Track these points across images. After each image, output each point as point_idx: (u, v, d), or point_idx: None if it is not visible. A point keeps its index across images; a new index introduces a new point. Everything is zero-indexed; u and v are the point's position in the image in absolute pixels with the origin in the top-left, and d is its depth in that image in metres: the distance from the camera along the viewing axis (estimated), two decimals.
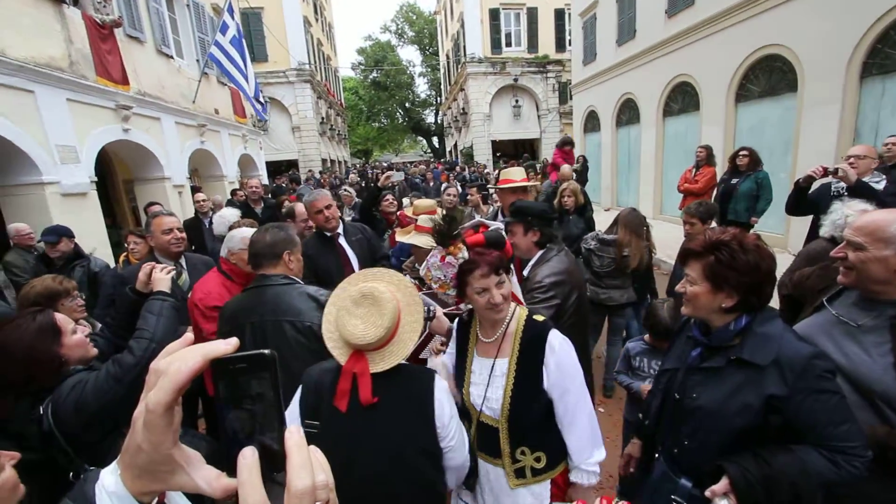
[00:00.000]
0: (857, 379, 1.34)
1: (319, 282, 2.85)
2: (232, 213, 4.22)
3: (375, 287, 1.31)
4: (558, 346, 1.48)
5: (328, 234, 3.04)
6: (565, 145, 8.60)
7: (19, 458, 1.06)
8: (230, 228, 3.24)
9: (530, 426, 1.49)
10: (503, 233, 2.15)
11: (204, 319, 2.23)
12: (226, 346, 0.44)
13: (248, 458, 0.42)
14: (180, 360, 0.42)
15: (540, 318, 1.54)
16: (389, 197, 4.55)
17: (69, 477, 1.38)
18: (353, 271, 2.45)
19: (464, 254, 1.90)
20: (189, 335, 0.49)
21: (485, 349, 1.57)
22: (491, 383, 1.51)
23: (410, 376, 1.35)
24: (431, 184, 11.81)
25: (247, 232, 2.38)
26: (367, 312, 1.28)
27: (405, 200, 5.48)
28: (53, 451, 1.36)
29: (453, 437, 1.34)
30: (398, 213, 4.27)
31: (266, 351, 0.45)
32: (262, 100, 10.67)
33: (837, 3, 6.12)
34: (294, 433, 0.44)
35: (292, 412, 1.36)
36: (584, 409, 1.50)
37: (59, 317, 1.52)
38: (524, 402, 1.46)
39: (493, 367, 1.52)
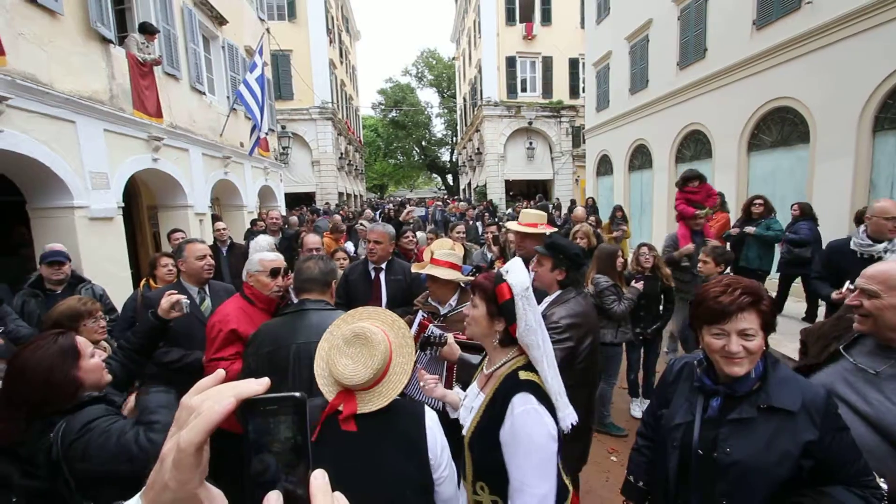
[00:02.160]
0: (885, 428, 1.32)
1: (349, 304, 3.00)
2: (266, 241, 4.32)
3: (368, 328, 1.31)
4: (518, 413, 1.31)
5: (372, 265, 3.16)
6: (689, 182, 5.46)
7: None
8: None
9: (488, 469, 1.40)
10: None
11: (219, 343, 2.24)
12: (257, 385, 0.45)
13: (273, 503, 0.42)
14: (213, 399, 0.42)
15: (526, 375, 1.37)
16: (409, 234, 4.59)
17: None
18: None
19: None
20: (221, 372, 0.49)
21: (481, 378, 1.57)
22: (472, 410, 1.51)
23: (400, 411, 1.34)
24: (471, 222, 11.25)
25: (268, 254, 2.45)
26: (358, 353, 1.28)
27: (420, 234, 5.54)
28: (59, 482, 1.33)
29: (445, 468, 1.34)
30: (418, 249, 4.33)
31: (297, 393, 0.45)
32: (278, 142, 11.00)
33: (847, 59, 6.30)
34: (319, 478, 0.44)
35: None
36: (529, 492, 1.27)
37: (80, 340, 1.53)
38: (483, 444, 1.39)
39: (476, 396, 1.53)
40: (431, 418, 1.36)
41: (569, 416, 1.38)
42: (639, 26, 11.73)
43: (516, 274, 1.40)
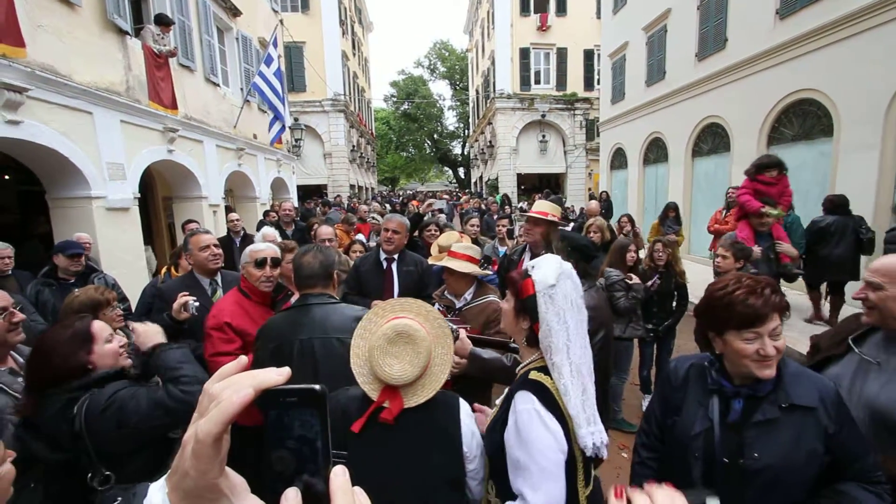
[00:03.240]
0: (878, 411, 1.39)
1: (362, 295, 3.03)
2: (270, 232, 4.33)
3: (410, 325, 1.30)
4: (519, 411, 1.23)
5: (384, 256, 3.16)
6: (765, 171, 4.39)
7: (14, 457, 1.13)
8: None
9: (495, 469, 1.34)
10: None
11: (216, 338, 2.23)
12: (277, 375, 0.43)
13: (291, 500, 0.41)
14: (233, 389, 0.41)
15: (537, 376, 1.27)
16: (433, 227, 4.55)
17: (87, 479, 1.40)
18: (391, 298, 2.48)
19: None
20: (244, 359, 0.48)
21: None
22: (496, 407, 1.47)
23: (436, 405, 1.34)
24: (496, 216, 11.19)
25: (257, 245, 2.43)
26: (403, 351, 1.28)
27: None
28: (79, 452, 1.40)
29: (477, 458, 1.35)
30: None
31: (317, 386, 0.44)
32: (290, 134, 11.14)
33: (874, 49, 6.08)
34: (339, 474, 0.43)
35: None
36: (523, 500, 1.16)
37: (97, 325, 1.59)
38: (491, 442, 1.34)
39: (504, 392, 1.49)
40: (465, 410, 1.36)
41: (590, 436, 1.18)
42: (657, 16, 11.47)
43: (541, 270, 1.30)
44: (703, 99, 9.94)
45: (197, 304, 2.14)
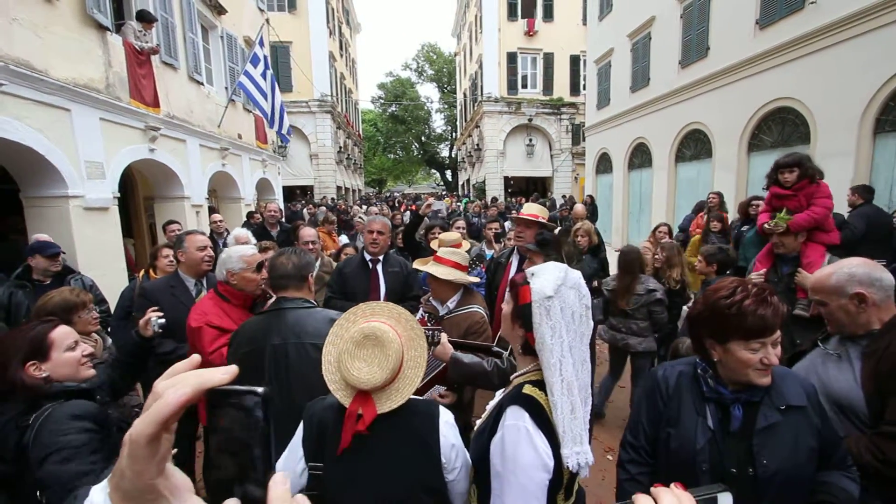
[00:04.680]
0: (838, 399, 1.52)
1: (346, 298, 2.99)
2: (244, 234, 4.26)
3: (377, 327, 1.27)
4: (507, 426, 1.17)
5: (370, 257, 3.13)
6: (785, 171, 3.18)
7: None
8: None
9: (478, 474, 1.30)
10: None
11: (210, 337, 2.19)
12: (222, 375, 0.42)
13: None
14: (173, 388, 0.40)
15: (531, 391, 1.21)
16: (437, 230, 4.50)
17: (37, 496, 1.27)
18: (378, 300, 2.45)
19: None
20: (196, 357, 0.46)
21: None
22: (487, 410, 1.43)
23: (413, 412, 1.31)
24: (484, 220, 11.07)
25: (245, 249, 2.38)
26: (371, 354, 1.24)
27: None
28: (24, 467, 1.29)
29: (458, 470, 1.31)
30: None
31: (259, 388, 0.42)
32: (287, 131, 11.03)
33: (850, 60, 6.28)
34: (279, 483, 0.42)
35: (294, 450, 1.31)
36: (506, 501, 1.13)
37: (60, 332, 1.49)
38: (477, 447, 1.29)
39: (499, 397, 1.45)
40: (446, 419, 1.32)
41: (574, 456, 1.12)
42: (641, 23, 11.67)
43: (539, 279, 1.21)
44: (686, 105, 10.14)
45: (162, 321, 2.08)
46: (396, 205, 17.45)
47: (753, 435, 1.21)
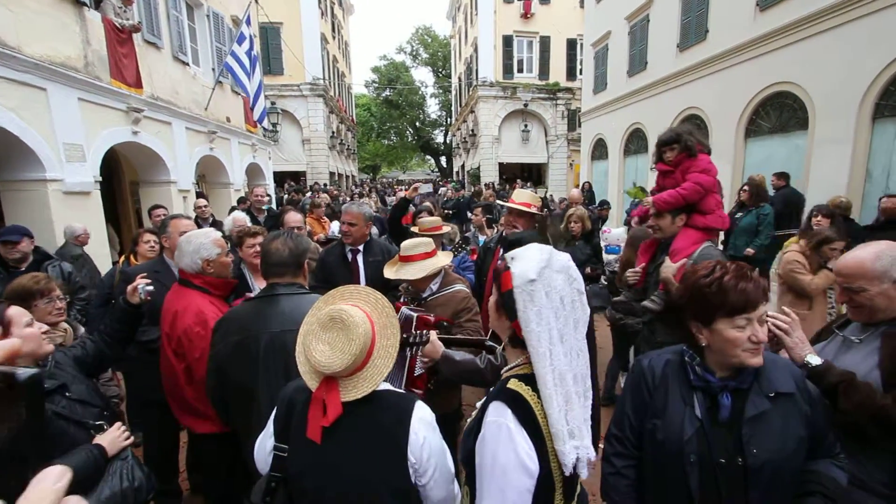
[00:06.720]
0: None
1: (329, 287, 2.85)
2: (241, 217, 4.14)
3: (345, 310, 1.19)
4: (488, 423, 1.08)
5: (349, 247, 3.04)
6: (666, 149, 2.87)
7: None
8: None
9: (468, 475, 1.20)
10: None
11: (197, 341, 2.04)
12: None
13: None
14: None
15: (516, 385, 1.11)
16: (425, 214, 4.39)
17: None
18: None
19: None
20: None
21: None
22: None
23: (386, 406, 1.22)
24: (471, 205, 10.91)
25: (210, 233, 2.20)
26: (335, 337, 1.17)
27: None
28: None
29: (432, 475, 1.21)
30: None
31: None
32: (259, 118, 10.89)
33: (851, 43, 6.15)
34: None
35: (267, 427, 1.28)
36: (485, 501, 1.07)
37: (15, 310, 1.45)
38: (465, 446, 1.20)
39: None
40: (421, 416, 1.22)
41: (574, 451, 1.02)
42: (639, 5, 11.42)
43: (520, 262, 1.10)
44: (684, 90, 9.99)
45: (150, 288, 1.98)
46: (387, 202, 14.85)
47: (742, 424, 1.19)
